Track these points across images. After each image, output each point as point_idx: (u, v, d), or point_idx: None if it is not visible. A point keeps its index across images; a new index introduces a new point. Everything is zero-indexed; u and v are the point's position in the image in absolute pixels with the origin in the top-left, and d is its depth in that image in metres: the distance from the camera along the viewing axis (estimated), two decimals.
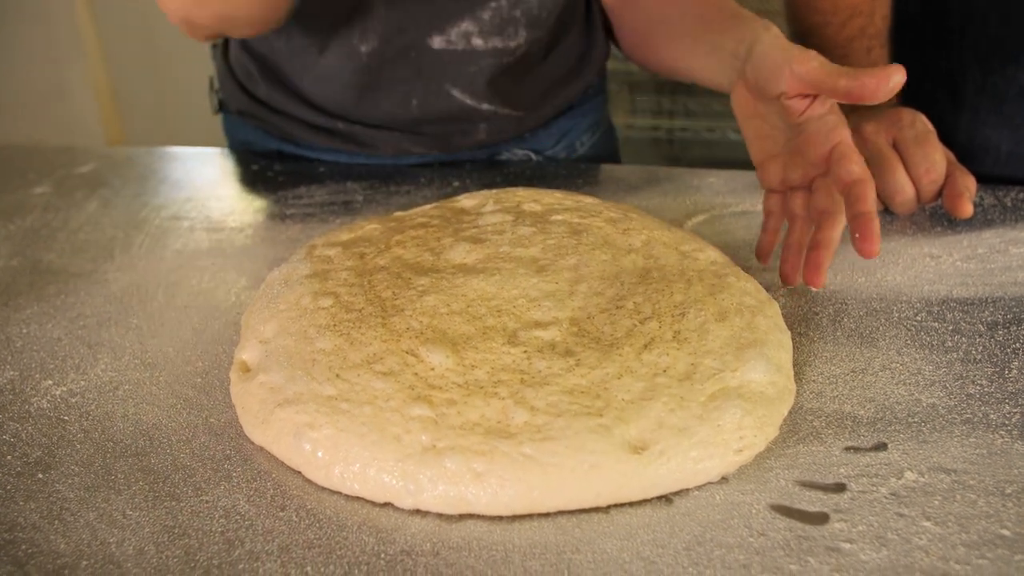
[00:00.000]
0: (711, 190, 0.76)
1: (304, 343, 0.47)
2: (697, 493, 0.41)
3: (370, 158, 0.86)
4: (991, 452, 0.44)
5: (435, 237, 0.57)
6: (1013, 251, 0.65)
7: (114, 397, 0.49)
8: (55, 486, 0.42)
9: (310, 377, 0.45)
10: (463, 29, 0.79)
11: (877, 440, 0.45)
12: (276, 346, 0.48)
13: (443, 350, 0.46)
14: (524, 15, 0.80)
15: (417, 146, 0.84)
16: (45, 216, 0.73)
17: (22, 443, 0.45)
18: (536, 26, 0.80)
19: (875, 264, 0.64)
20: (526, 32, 0.81)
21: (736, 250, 0.66)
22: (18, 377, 0.51)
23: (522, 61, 0.82)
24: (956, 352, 0.53)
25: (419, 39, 0.79)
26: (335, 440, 0.42)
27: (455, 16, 0.78)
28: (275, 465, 0.44)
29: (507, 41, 0.81)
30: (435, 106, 0.81)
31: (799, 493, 0.41)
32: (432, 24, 0.78)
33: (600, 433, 0.41)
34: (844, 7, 0.82)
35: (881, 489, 0.41)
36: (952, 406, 0.48)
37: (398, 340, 0.47)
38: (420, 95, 0.79)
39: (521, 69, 0.83)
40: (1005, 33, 0.80)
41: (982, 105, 0.83)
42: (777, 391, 0.46)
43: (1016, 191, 0.76)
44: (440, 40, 0.79)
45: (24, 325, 0.56)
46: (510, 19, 0.79)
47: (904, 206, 0.70)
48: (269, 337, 0.49)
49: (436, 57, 0.79)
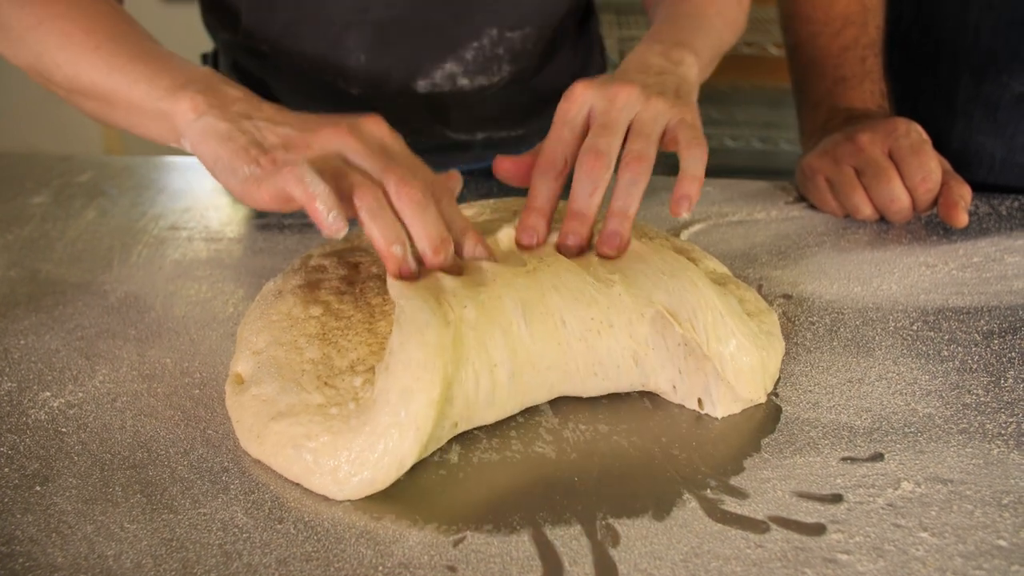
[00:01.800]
0: (708, 199, 0.77)
1: (294, 353, 0.47)
2: (694, 504, 0.41)
3: None
4: (988, 462, 0.44)
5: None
6: (1008, 260, 0.66)
7: (112, 409, 0.49)
8: (52, 499, 0.42)
9: (300, 387, 0.45)
10: (447, 71, 0.79)
11: (874, 450, 0.45)
12: (267, 357, 0.48)
13: None
14: (507, 52, 0.80)
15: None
16: (43, 226, 0.73)
17: (20, 455, 0.45)
18: (521, 59, 0.81)
19: (871, 273, 0.64)
20: (510, 67, 0.81)
21: (733, 259, 0.66)
22: (16, 388, 0.51)
23: (508, 87, 0.82)
24: (952, 361, 0.53)
25: (404, 84, 0.79)
26: (334, 444, 0.42)
27: (437, 59, 0.78)
28: (272, 477, 0.44)
29: (491, 78, 0.81)
30: (428, 143, 0.82)
31: (796, 504, 0.41)
32: (416, 68, 0.78)
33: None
34: (837, 17, 0.82)
35: (878, 500, 0.41)
36: (948, 416, 0.48)
37: (382, 343, 0.47)
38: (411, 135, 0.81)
39: (508, 94, 0.83)
40: (997, 42, 0.81)
41: (975, 113, 0.84)
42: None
43: (1011, 199, 0.76)
44: (425, 84, 0.79)
45: (22, 336, 0.56)
46: (493, 57, 0.80)
47: (900, 215, 0.70)
48: (261, 348, 0.49)
49: (423, 100, 0.80)
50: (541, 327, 0.46)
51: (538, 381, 0.47)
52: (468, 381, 0.44)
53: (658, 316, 0.47)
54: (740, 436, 0.46)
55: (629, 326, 0.47)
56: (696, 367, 0.47)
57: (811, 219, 0.73)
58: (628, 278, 0.48)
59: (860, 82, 0.80)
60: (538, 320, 0.46)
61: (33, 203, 0.78)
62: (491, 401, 0.45)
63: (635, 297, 0.47)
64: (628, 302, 0.47)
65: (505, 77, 0.81)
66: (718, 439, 0.46)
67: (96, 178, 0.83)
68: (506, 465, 0.45)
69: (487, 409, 0.45)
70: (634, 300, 0.47)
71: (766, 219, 0.73)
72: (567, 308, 0.47)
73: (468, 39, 0.78)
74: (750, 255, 0.67)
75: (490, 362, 0.44)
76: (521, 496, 0.42)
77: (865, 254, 0.67)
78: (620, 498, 0.42)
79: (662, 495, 0.42)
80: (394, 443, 0.41)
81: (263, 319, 0.51)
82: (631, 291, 0.47)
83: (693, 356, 0.47)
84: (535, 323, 0.46)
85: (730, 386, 0.47)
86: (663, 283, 0.47)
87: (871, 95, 0.80)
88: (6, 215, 0.75)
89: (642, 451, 0.45)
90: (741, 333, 0.47)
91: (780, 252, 0.67)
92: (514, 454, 0.45)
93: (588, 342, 0.47)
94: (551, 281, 0.47)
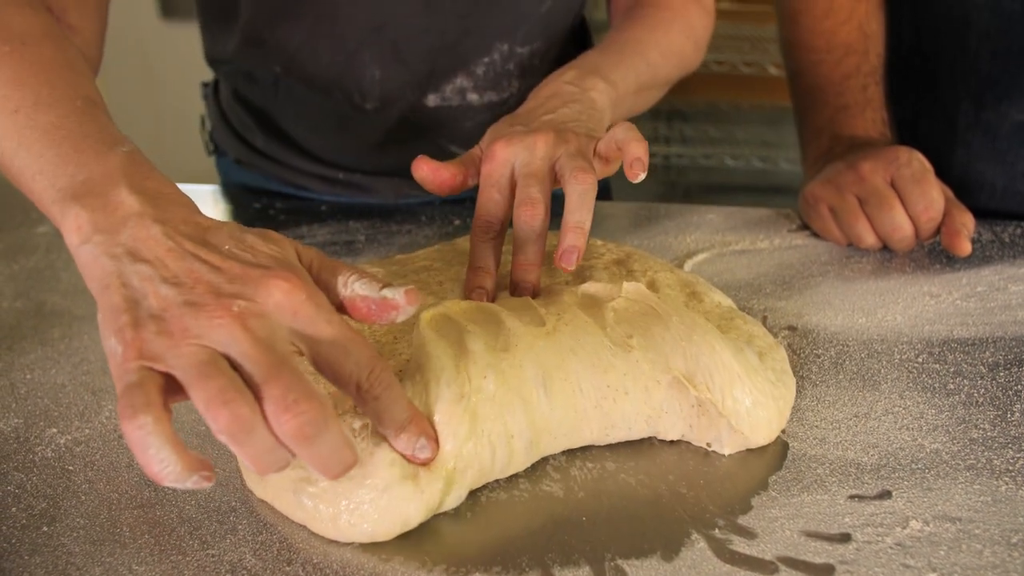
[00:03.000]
0: (711, 227, 0.77)
1: None
2: (703, 545, 0.41)
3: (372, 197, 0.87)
4: (996, 500, 0.44)
5: (437, 281, 0.57)
6: (1012, 288, 0.66)
7: (119, 446, 0.49)
8: (60, 539, 0.42)
9: None
10: (458, 85, 0.80)
11: (881, 488, 0.45)
12: None
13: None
14: (517, 67, 0.81)
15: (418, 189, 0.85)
16: (48, 256, 0.73)
17: (27, 494, 0.45)
18: (530, 75, 0.81)
19: (875, 304, 0.64)
20: (519, 83, 0.82)
21: (737, 290, 0.66)
22: (23, 425, 0.51)
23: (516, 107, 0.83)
24: (958, 395, 0.53)
25: (415, 99, 0.80)
26: (334, 492, 0.42)
27: (449, 73, 0.79)
28: (280, 517, 0.44)
29: (501, 94, 0.82)
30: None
31: (804, 544, 0.41)
32: (428, 83, 0.79)
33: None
34: (838, 45, 0.83)
35: (887, 539, 0.41)
36: (955, 451, 0.48)
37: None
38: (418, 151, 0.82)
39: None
40: (997, 70, 0.81)
41: (975, 140, 0.84)
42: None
43: (1014, 226, 0.77)
44: (435, 98, 0.80)
45: (28, 371, 0.57)
46: (504, 73, 0.80)
47: (903, 244, 0.70)
48: None
49: (432, 115, 0.80)
50: (560, 395, 0.46)
51: (553, 445, 0.47)
52: (483, 452, 0.43)
53: (675, 381, 0.47)
54: (748, 473, 0.46)
55: (645, 392, 0.47)
56: (709, 423, 0.47)
57: (814, 247, 0.74)
58: (646, 342, 0.47)
59: (862, 110, 0.81)
60: (558, 388, 0.46)
61: (38, 232, 0.78)
62: (506, 468, 0.45)
63: (653, 364, 0.47)
64: (646, 369, 0.47)
65: (515, 94, 0.82)
66: (725, 477, 0.46)
67: None
68: (514, 504, 0.45)
69: (501, 474, 0.45)
70: (652, 367, 0.47)
71: (769, 248, 0.74)
72: (584, 374, 0.46)
73: (479, 55, 0.79)
74: (754, 285, 0.67)
75: (507, 433, 0.44)
76: (529, 536, 0.42)
77: (869, 284, 0.67)
78: (628, 538, 0.42)
79: (670, 535, 0.42)
80: (397, 504, 0.41)
81: None
82: (649, 356, 0.47)
83: (707, 414, 0.47)
84: (555, 392, 0.46)
85: (744, 436, 0.47)
86: (680, 348, 0.47)
87: (873, 123, 0.80)
88: (11, 245, 0.75)
89: (650, 489, 0.45)
90: (758, 390, 0.47)
91: (784, 282, 0.68)
92: (522, 492, 0.45)
93: (603, 409, 0.47)
94: (570, 343, 0.47)
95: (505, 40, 0.79)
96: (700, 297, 0.57)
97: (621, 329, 0.48)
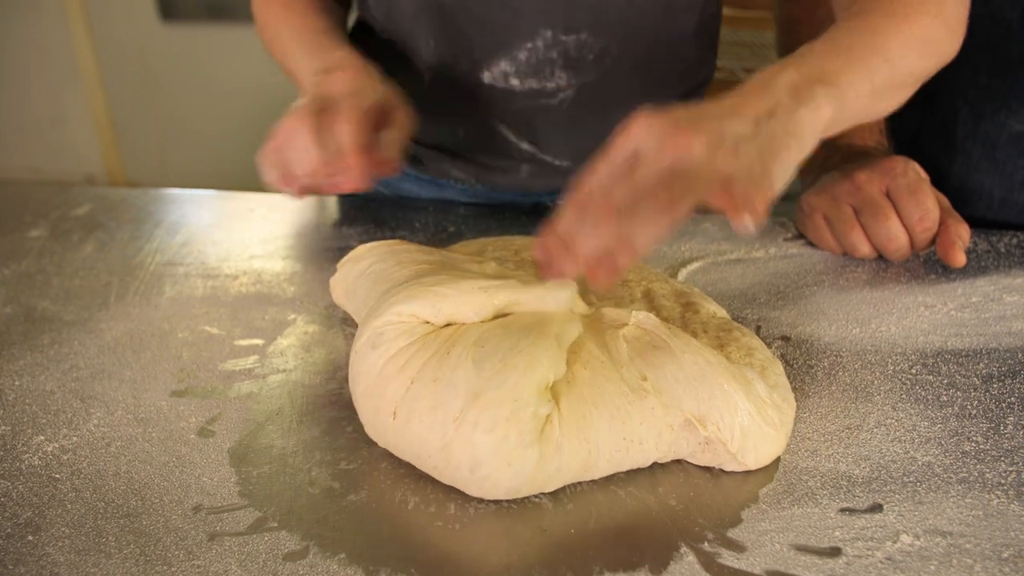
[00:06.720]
0: (706, 236, 0.77)
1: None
2: (691, 558, 0.41)
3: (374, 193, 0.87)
4: (987, 514, 0.44)
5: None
6: (1007, 299, 0.66)
7: (106, 454, 0.49)
8: (45, 549, 0.42)
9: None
10: (501, 68, 0.80)
11: (872, 501, 0.45)
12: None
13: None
14: (561, 56, 0.79)
15: (457, 170, 0.87)
16: (40, 260, 0.73)
17: (12, 503, 0.45)
18: (578, 69, 0.80)
19: (869, 314, 0.64)
20: (565, 75, 0.80)
21: (732, 299, 0.66)
22: (10, 432, 0.51)
23: (569, 109, 0.82)
24: (951, 407, 0.53)
25: (469, 73, 0.80)
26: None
27: (493, 55, 0.79)
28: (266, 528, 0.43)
29: (544, 83, 0.80)
30: (479, 137, 0.83)
31: (794, 558, 0.41)
32: (476, 60, 0.80)
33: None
34: None
35: (877, 553, 0.41)
36: (948, 464, 0.47)
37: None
38: (466, 126, 0.82)
39: (567, 117, 0.82)
40: (995, 81, 0.81)
41: (974, 151, 0.84)
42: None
43: (1009, 236, 0.76)
44: (488, 75, 0.80)
45: (17, 377, 0.56)
46: (546, 60, 0.79)
47: (898, 253, 0.70)
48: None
49: (485, 91, 0.81)
50: (575, 457, 0.45)
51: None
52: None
53: (686, 423, 0.46)
54: (738, 486, 0.46)
55: (657, 438, 0.46)
56: (713, 455, 0.47)
57: (809, 257, 0.73)
58: (659, 385, 0.47)
59: None
60: (574, 450, 0.45)
61: (31, 236, 0.77)
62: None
63: (666, 408, 0.46)
64: (659, 415, 0.46)
65: (562, 87, 0.81)
66: (715, 489, 0.46)
67: (94, 211, 0.83)
68: (502, 516, 0.44)
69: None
70: (665, 411, 0.46)
71: (764, 257, 0.73)
72: (603, 433, 0.45)
73: (522, 39, 0.78)
74: (748, 294, 0.67)
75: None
76: (516, 549, 0.42)
77: (864, 294, 0.67)
78: (617, 551, 0.42)
79: (659, 548, 0.42)
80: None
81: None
82: (663, 400, 0.46)
83: (713, 449, 0.47)
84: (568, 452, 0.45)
85: (746, 466, 0.47)
86: (693, 389, 0.46)
87: (870, 132, 0.80)
88: (3, 249, 0.75)
89: (639, 501, 0.45)
90: (767, 424, 0.47)
91: (779, 292, 0.67)
92: (510, 504, 0.45)
93: (615, 460, 0.46)
94: (591, 394, 0.46)
95: (548, 26, 0.78)
96: (696, 308, 0.56)
97: (635, 367, 0.47)
